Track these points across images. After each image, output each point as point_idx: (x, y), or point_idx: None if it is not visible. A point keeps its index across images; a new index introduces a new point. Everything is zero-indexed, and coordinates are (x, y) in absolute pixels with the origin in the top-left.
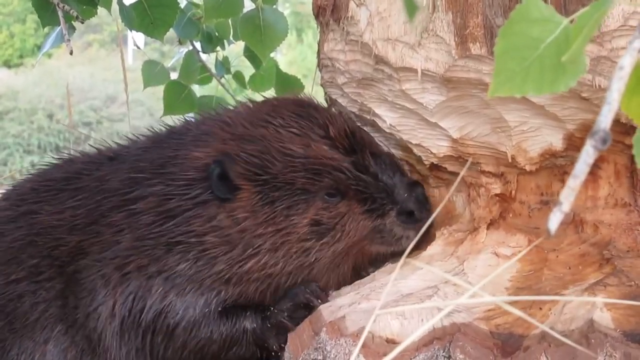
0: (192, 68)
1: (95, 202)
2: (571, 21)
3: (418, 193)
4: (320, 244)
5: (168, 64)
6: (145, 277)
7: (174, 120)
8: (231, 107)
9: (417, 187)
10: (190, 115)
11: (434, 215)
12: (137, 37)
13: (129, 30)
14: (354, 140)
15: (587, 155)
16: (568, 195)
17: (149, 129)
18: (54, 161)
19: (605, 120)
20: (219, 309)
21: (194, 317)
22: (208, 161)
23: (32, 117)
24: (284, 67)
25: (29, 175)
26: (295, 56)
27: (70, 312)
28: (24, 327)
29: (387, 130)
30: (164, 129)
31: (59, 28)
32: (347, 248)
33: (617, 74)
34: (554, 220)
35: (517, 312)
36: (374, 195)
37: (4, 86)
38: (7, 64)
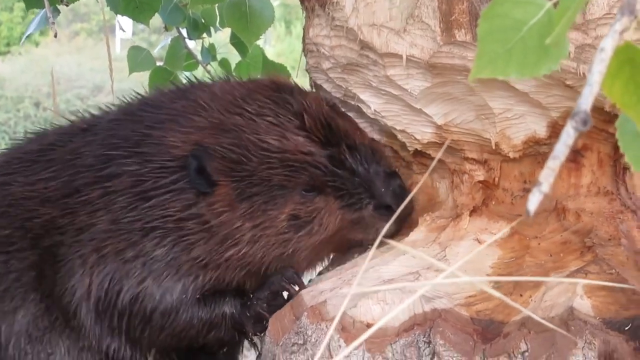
0: (178, 54)
1: (68, 175)
2: (555, 4)
3: (395, 186)
4: (298, 237)
5: (154, 50)
6: (122, 261)
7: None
8: (205, 84)
9: (395, 179)
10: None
11: (405, 201)
12: (124, 24)
13: (116, 19)
14: (329, 131)
15: (567, 136)
16: (547, 176)
17: (121, 100)
18: (28, 135)
19: (586, 102)
20: (197, 295)
21: (171, 303)
22: (185, 153)
23: (19, 105)
24: (272, 58)
25: (2, 150)
26: (283, 48)
27: (47, 282)
28: None
29: (372, 116)
30: (135, 99)
31: (44, 11)
32: (326, 238)
33: (599, 56)
34: (533, 200)
35: (498, 295)
36: (350, 191)
37: None
38: None
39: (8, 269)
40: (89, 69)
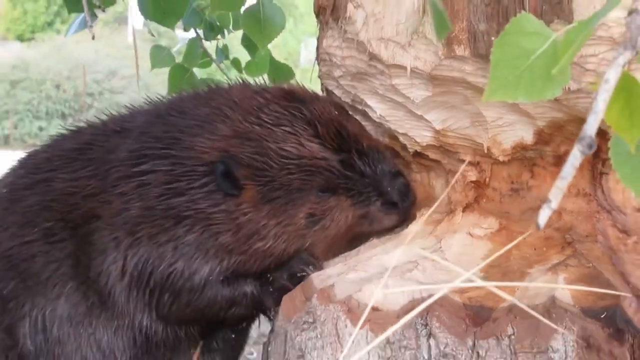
0: (195, 53)
1: (104, 171)
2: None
3: (399, 184)
4: (314, 231)
5: (163, 42)
6: (155, 244)
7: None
8: (225, 90)
9: (399, 178)
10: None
11: (433, 207)
12: (136, 19)
13: (129, 11)
14: (340, 137)
15: (575, 158)
16: (556, 194)
17: (146, 101)
18: (64, 132)
19: (591, 128)
20: (221, 276)
21: (198, 282)
22: (213, 159)
23: (41, 86)
24: None
25: (42, 146)
26: (277, 41)
27: (82, 270)
28: (36, 285)
29: (377, 120)
30: (161, 101)
31: (83, 15)
32: (339, 233)
33: (603, 87)
34: (543, 216)
35: (504, 294)
36: (360, 190)
37: (17, 58)
38: (20, 38)
39: (49, 259)
40: (105, 55)
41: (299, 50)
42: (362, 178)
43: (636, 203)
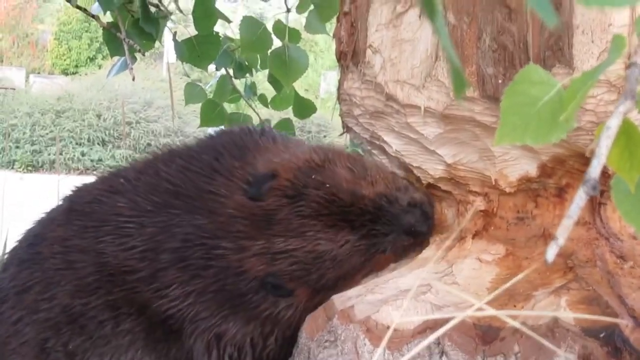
0: (225, 90)
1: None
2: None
3: (417, 215)
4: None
5: (193, 76)
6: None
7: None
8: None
9: (414, 211)
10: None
11: (459, 229)
12: (170, 54)
13: (164, 47)
14: (349, 219)
15: (580, 199)
16: (563, 232)
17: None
18: None
19: (595, 171)
20: None
21: None
22: (258, 275)
23: (84, 116)
24: None
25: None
26: None
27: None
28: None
29: (393, 154)
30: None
31: (124, 58)
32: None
33: (605, 133)
34: (551, 252)
35: (512, 322)
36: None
37: (62, 90)
38: (65, 72)
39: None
40: (141, 87)
41: (318, 82)
42: (383, 230)
43: (631, 231)
